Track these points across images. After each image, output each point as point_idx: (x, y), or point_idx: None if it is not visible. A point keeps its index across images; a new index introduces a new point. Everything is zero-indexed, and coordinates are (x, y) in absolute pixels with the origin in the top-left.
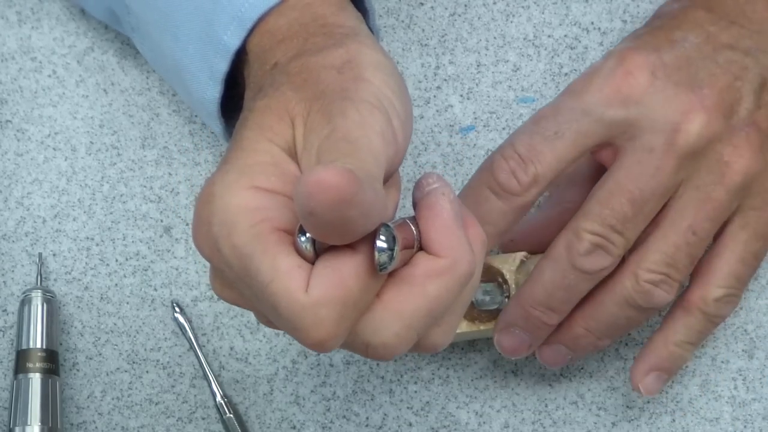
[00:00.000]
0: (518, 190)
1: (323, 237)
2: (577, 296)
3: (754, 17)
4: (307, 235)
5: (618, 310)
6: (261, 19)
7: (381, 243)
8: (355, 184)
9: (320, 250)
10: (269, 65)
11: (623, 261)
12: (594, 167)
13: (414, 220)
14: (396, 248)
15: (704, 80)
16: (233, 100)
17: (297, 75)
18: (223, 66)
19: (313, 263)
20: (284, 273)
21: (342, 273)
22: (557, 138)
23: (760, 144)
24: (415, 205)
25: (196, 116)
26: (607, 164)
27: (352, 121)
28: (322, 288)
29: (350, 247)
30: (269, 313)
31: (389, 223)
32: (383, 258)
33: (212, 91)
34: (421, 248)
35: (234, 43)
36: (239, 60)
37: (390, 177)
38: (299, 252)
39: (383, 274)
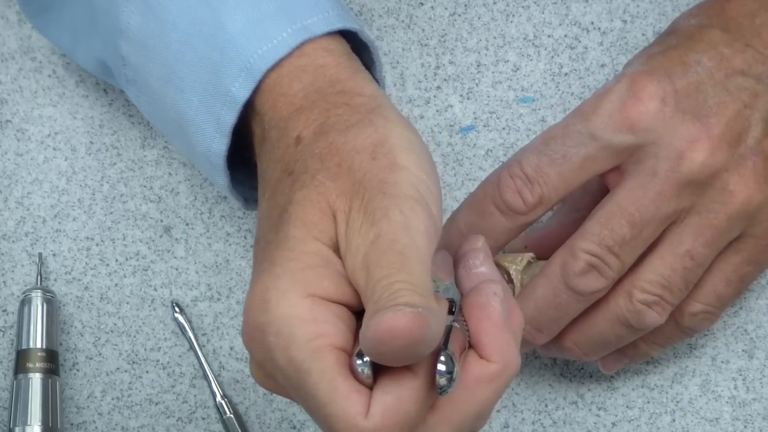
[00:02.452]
0: (523, 210)
1: (385, 364)
2: (567, 317)
3: None
4: (365, 359)
5: (608, 327)
6: (272, 77)
7: (441, 366)
8: (425, 326)
9: (376, 370)
10: (291, 139)
11: (618, 280)
12: None
13: (461, 315)
14: (456, 369)
15: (712, 108)
16: (236, 151)
17: (329, 158)
18: (230, 118)
19: (370, 387)
20: (344, 397)
21: (402, 399)
22: (565, 162)
23: (766, 174)
24: (458, 283)
25: None
26: (612, 186)
27: (396, 224)
28: (382, 415)
29: (409, 369)
30: (322, 427)
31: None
32: (443, 381)
33: (218, 144)
34: (470, 345)
35: (242, 95)
36: (245, 113)
37: None
38: (355, 374)
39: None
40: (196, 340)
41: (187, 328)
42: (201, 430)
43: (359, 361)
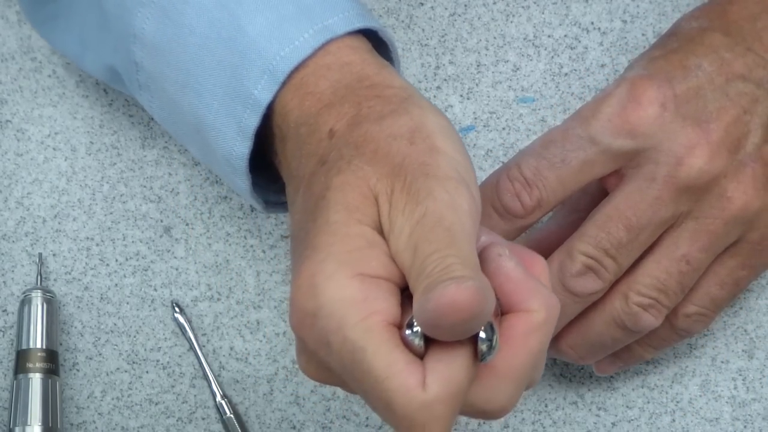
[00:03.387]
0: (521, 213)
1: (439, 337)
2: (564, 319)
3: None
4: (415, 329)
5: (604, 329)
6: (296, 77)
7: (482, 334)
8: (484, 300)
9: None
10: (323, 133)
11: (615, 283)
12: None
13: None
14: (495, 337)
15: (712, 114)
16: (255, 154)
17: (364, 146)
18: (253, 121)
19: (421, 357)
20: (401, 370)
21: (454, 367)
22: (564, 166)
23: (765, 180)
24: None
25: None
26: (611, 189)
27: (442, 202)
28: (438, 384)
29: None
30: (379, 407)
31: None
32: (484, 348)
33: (241, 147)
34: (501, 312)
35: (266, 97)
36: (267, 115)
37: None
38: (407, 345)
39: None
40: (196, 340)
41: (187, 328)
42: (201, 430)
43: (410, 332)
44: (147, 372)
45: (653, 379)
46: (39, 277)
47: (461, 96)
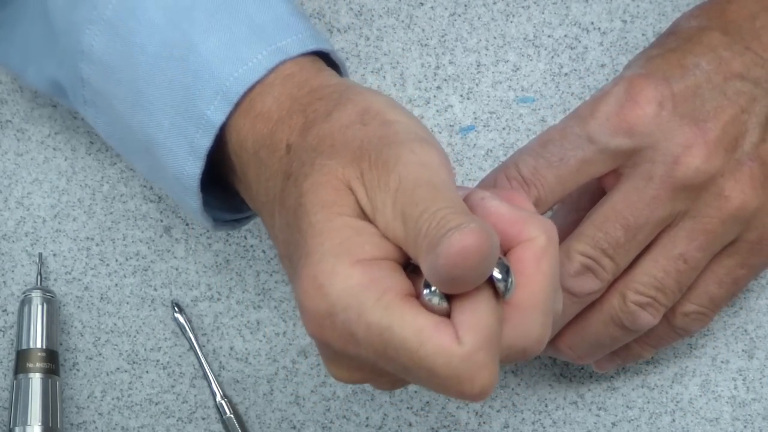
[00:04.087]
0: None
1: (457, 290)
2: (562, 320)
3: None
4: (433, 288)
5: (603, 328)
6: (246, 99)
7: (497, 274)
8: (490, 239)
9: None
10: (281, 150)
11: (613, 282)
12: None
13: None
14: (510, 274)
15: (710, 113)
16: (206, 173)
17: (321, 144)
18: (206, 141)
19: (446, 315)
20: (432, 333)
21: (481, 314)
22: (562, 164)
23: (762, 179)
24: None
25: None
26: (609, 188)
27: (412, 164)
28: (471, 334)
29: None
30: (423, 377)
31: None
32: (503, 287)
33: (192, 167)
34: (503, 252)
35: (218, 118)
36: (218, 136)
37: None
38: (428, 308)
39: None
40: (196, 340)
41: (187, 328)
42: (201, 430)
43: (428, 292)
44: (147, 372)
45: (653, 379)
46: (39, 277)
47: (461, 96)
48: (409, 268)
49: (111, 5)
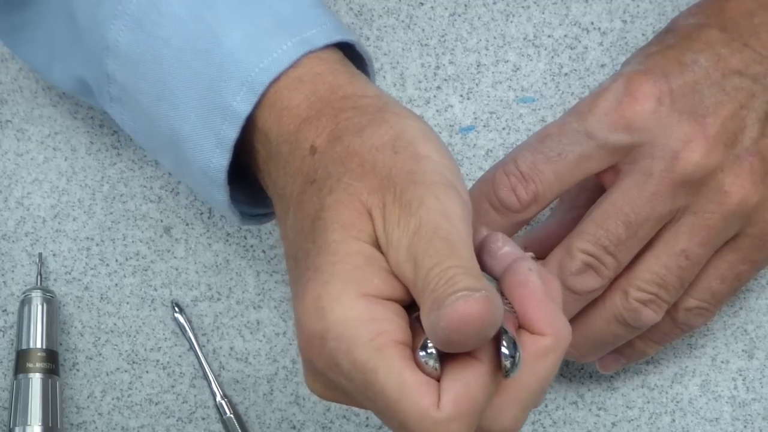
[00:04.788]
0: (517, 208)
1: (452, 351)
2: None
3: (767, 40)
4: (429, 350)
5: (605, 326)
6: (270, 91)
7: (505, 350)
8: (495, 309)
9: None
10: (305, 150)
11: (614, 279)
12: None
13: (504, 297)
14: (518, 351)
15: (709, 108)
16: (232, 167)
17: (349, 161)
18: (232, 133)
19: (436, 378)
20: (413, 390)
21: (470, 385)
22: (560, 160)
23: (762, 174)
24: (486, 268)
25: None
26: (608, 185)
27: (434, 211)
28: (453, 403)
29: (472, 356)
30: (394, 426)
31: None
32: (509, 364)
33: (219, 159)
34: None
35: (244, 109)
36: (245, 127)
37: None
38: (421, 367)
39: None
40: (196, 340)
41: (187, 328)
42: (201, 430)
43: (424, 354)
44: (147, 372)
45: (653, 379)
46: (39, 277)
47: (461, 96)
48: (414, 315)
49: (135, 0)
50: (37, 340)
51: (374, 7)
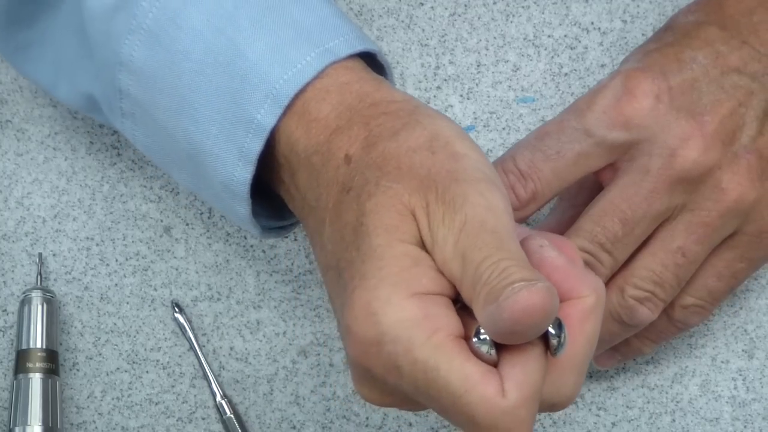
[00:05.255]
0: (516, 206)
1: (511, 342)
2: None
3: (766, 38)
4: (482, 337)
5: (602, 323)
6: (297, 103)
7: (552, 330)
8: (555, 298)
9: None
10: (339, 159)
11: (611, 277)
12: None
13: None
14: (564, 330)
15: (707, 106)
16: (253, 181)
17: (386, 164)
18: (256, 146)
19: (493, 364)
20: (478, 382)
21: (529, 368)
22: (559, 158)
23: (760, 172)
24: None
25: None
26: (606, 183)
27: (480, 206)
28: (517, 389)
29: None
30: (461, 422)
31: None
32: (556, 343)
33: (242, 172)
34: None
35: (269, 121)
36: (268, 141)
37: None
38: (477, 355)
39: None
40: (196, 340)
41: (187, 328)
42: (201, 430)
43: (477, 341)
44: (147, 372)
45: (653, 379)
46: (39, 277)
47: (461, 96)
48: (458, 305)
49: (151, 14)
50: (37, 340)
51: (374, 7)
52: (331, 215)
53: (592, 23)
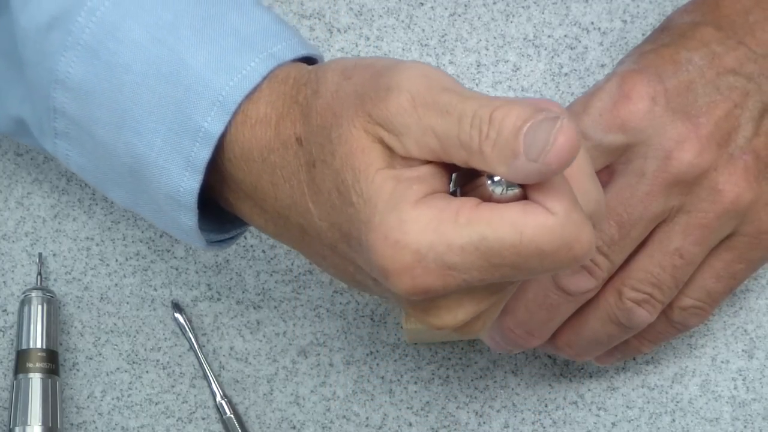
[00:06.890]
0: None
1: (544, 179)
2: (558, 319)
3: (762, 38)
4: (496, 178)
5: (600, 326)
6: (243, 107)
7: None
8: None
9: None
10: (293, 145)
11: (608, 279)
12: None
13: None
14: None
15: (702, 108)
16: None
17: (325, 118)
18: (204, 154)
19: (517, 199)
20: (524, 219)
21: (555, 184)
22: None
23: (756, 172)
24: None
25: None
26: (603, 186)
27: (415, 77)
28: (558, 201)
29: None
30: (534, 265)
31: None
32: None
33: (189, 182)
34: None
35: (217, 128)
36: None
37: None
38: (496, 199)
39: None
40: (196, 340)
41: (187, 328)
42: (201, 430)
43: (492, 183)
44: (147, 372)
45: (653, 379)
46: (39, 277)
47: None
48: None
49: (88, 29)
50: (37, 340)
51: (374, 7)
52: (311, 197)
53: (592, 23)
